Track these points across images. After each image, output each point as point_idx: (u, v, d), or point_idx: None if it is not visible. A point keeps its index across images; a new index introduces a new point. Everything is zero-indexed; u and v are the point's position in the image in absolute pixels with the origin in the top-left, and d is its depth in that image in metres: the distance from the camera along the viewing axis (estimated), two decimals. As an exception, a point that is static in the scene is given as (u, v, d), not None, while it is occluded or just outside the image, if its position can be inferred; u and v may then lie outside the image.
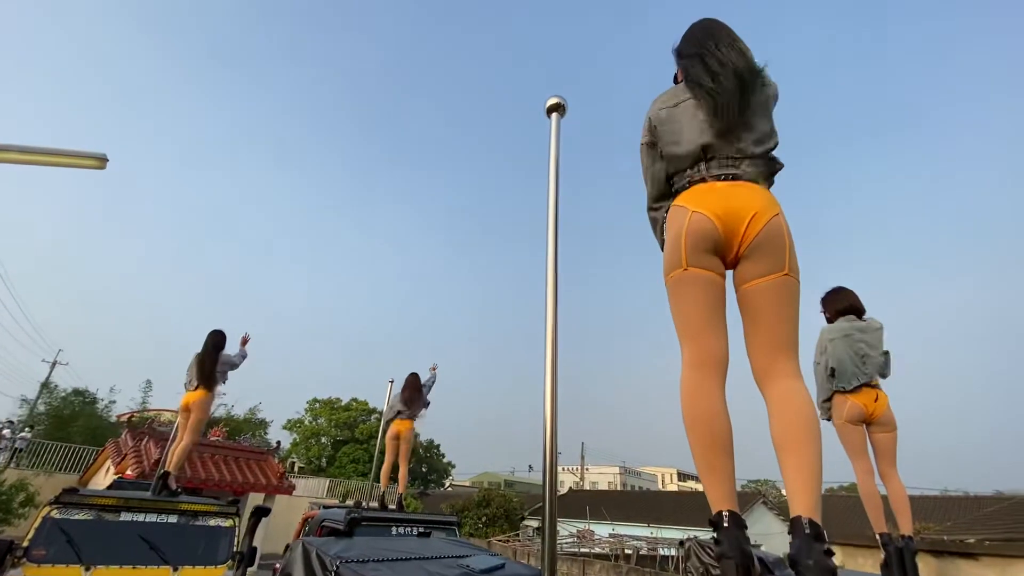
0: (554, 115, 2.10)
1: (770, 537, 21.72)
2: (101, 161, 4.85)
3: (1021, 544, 3.91)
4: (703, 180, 1.54)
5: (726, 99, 1.52)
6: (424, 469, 32.54)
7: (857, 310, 3.39)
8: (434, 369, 7.33)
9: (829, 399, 3.34)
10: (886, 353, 3.28)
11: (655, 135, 1.70)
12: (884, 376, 3.28)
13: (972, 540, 4.48)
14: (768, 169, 1.59)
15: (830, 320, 3.46)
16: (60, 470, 15.19)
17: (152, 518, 4.32)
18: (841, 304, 3.40)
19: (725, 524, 1.22)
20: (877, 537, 3.08)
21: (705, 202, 1.48)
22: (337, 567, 1.44)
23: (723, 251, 1.47)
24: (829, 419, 3.37)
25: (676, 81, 1.85)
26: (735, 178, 1.52)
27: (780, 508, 27.09)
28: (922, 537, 5.15)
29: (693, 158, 1.57)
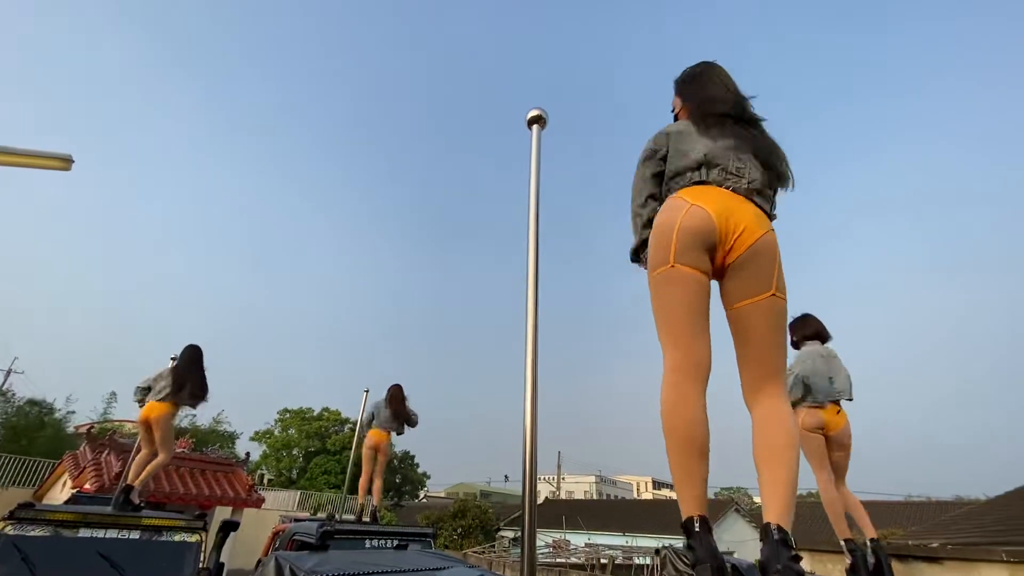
0: (535, 127, 2.13)
1: (743, 544, 22.01)
2: (66, 162, 4.69)
3: (982, 548, 4.05)
4: (703, 182, 1.53)
5: (733, 113, 1.63)
6: (398, 480, 32.01)
7: (823, 337, 3.59)
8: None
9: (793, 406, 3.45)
10: (848, 377, 3.45)
11: (663, 142, 1.69)
12: (849, 399, 3.43)
13: (935, 544, 4.63)
14: (768, 202, 1.59)
15: (796, 344, 3.63)
16: (13, 484, 14.45)
17: (113, 534, 4.14)
18: (809, 330, 3.60)
19: (697, 529, 1.22)
20: (842, 543, 3.16)
21: (706, 198, 1.45)
22: (311, 582, 1.40)
23: (714, 251, 1.43)
24: None
25: (674, 114, 1.93)
26: (734, 190, 1.51)
27: (752, 516, 27.52)
28: (888, 542, 5.30)
29: (697, 163, 1.57)
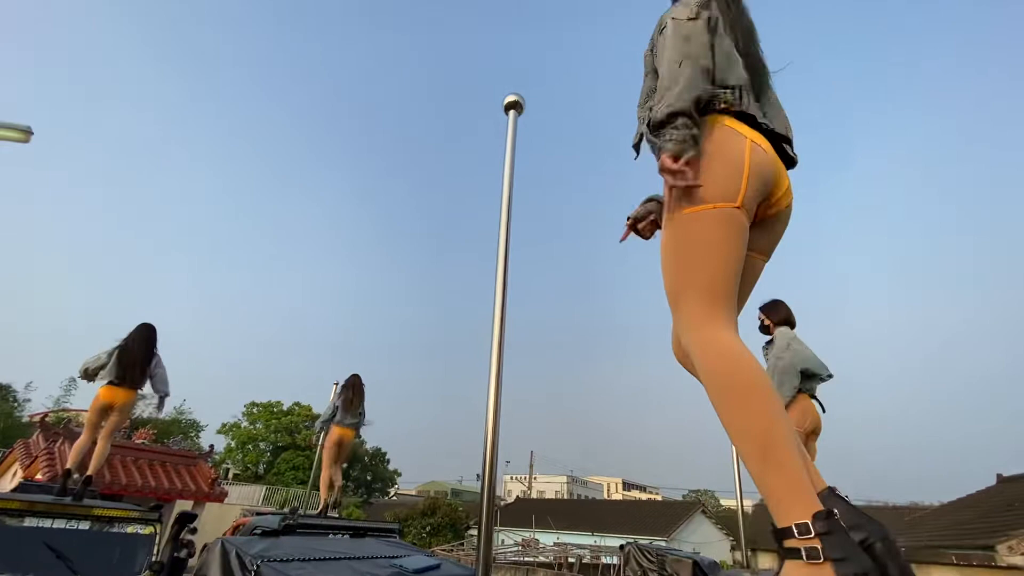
0: (512, 112, 2.10)
1: (709, 545, 22.37)
2: (25, 134, 4.47)
3: (932, 551, 4.19)
4: (742, 114, 1.24)
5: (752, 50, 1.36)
6: (369, 477, 31.60)
7: (791, 323, 3.59)
8: None
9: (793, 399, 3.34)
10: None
11: (715, 16, 1.33)
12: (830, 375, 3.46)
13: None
14: None
15: (768, 328, 3.64)
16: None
17: (61, 524, 3.96)
18: (781, 315, 3.59)
19: (838, 521, 0.83)
20: None
21: (763, 141, 1.22)
22: (257, 567, 1.33)
23: (761, 204, 1.22)
24: None
25: None
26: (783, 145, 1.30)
27: (719, 518, 28.04)
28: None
29: (737, 82, 1.28)
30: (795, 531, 0.83)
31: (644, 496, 52.48)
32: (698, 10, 1.30)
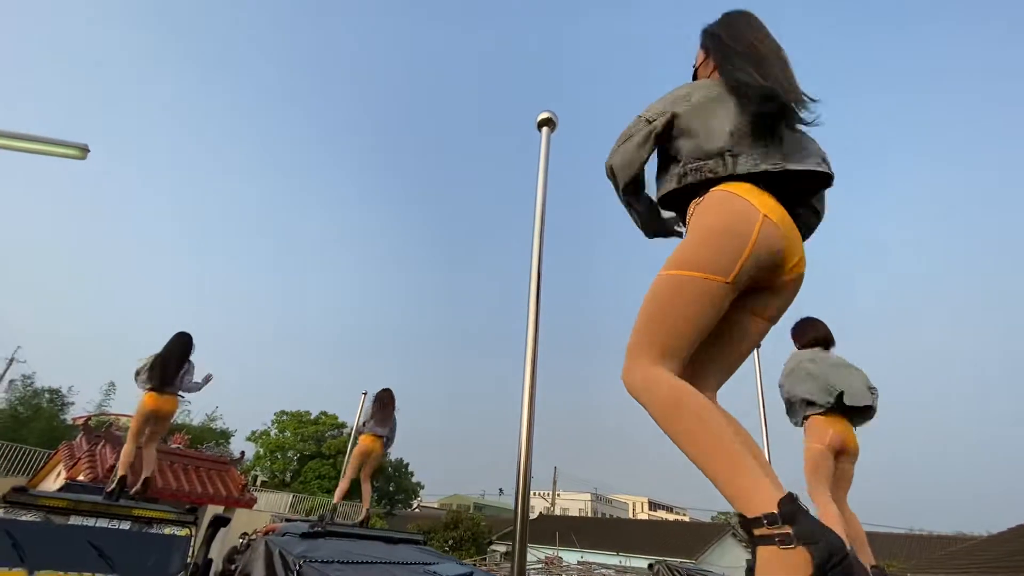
0: (544, 129, 2.16)
1: (739, 571, 21.60)
2: (82, 151, 4.77)
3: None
4: (733, 176, 1.22)
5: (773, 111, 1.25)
6: (392, 488, 31.72)
7: (827, 343, 3.38)
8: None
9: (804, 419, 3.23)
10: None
11: (672, 121, 1.34)
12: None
13: (933, 577, 4.55)
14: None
15: (801, 348, 3.47)
16: (8, 473, 14.44)
17: (103, 523, 4.13)
18: (808, 337, 3.39)
19: (800, 507, 0.87)
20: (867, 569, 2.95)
21: (770, 208, 1.17)
22: (300, 566, 1.39)
23: (763, 280, 1.20)
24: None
25: (695, 77, 1.57)
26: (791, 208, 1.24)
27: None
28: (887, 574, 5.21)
29: (719, 149, 1.26)
30: (764, 521, 0.86)
31: (671, 517, 51.15)
32: (655, 113, 1.37)
